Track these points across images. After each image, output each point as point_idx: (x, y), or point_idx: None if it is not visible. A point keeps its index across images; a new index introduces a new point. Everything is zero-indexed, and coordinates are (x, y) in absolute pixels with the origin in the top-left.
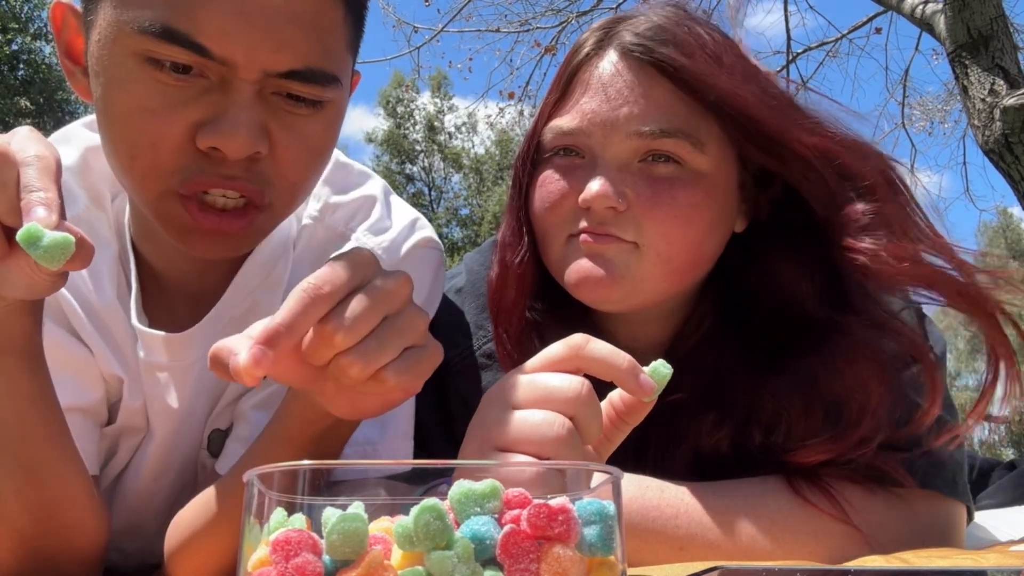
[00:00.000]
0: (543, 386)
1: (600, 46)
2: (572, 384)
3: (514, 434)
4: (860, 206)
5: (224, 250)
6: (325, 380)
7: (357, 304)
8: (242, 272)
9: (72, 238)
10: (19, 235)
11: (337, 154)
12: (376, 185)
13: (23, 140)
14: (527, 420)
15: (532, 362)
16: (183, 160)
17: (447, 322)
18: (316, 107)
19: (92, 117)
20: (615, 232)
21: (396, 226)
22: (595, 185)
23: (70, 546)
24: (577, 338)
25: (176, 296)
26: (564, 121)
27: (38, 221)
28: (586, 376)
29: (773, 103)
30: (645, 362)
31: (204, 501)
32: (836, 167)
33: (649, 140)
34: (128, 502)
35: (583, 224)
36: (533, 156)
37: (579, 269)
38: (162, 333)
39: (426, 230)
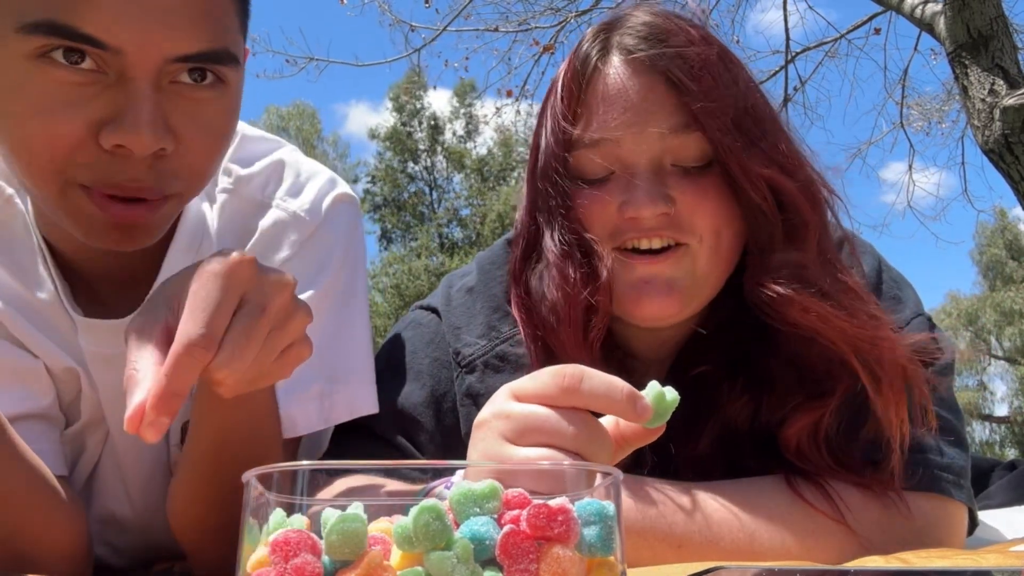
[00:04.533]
0: (545, 427)
1: (604, 53)
2: (574, 428)
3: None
4: (784, 255)
5: (132, 242)
6: None
7: (235, 344)
8: (169, 254)
9: None
10: None
11: (241, 126)
12: (284, 150)
13: None
14: (531, 459)
15: (524, 389)
16: (85, 158)
17: (459, 323)
18: (217, 90)
19: None
20: (667, 234)
21: (313, 186)
22: (641, 197)
23: (45, 544)
24: (569, 376)
25: (102, 286)
26: (591, 135)
27: None
28: None
29: (744, 128)
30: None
31: (175, 487)
32: (787, 208)
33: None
34: (104, 497)
35: (630, 234)
36: (562, 172)
37: (638, 289)
38: (103, 321)
39: (342, 186)
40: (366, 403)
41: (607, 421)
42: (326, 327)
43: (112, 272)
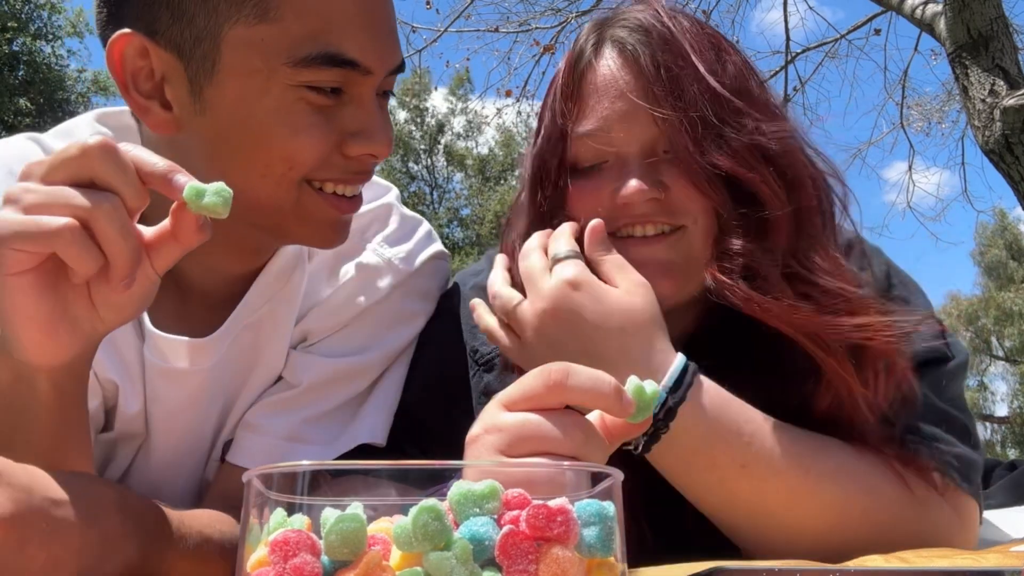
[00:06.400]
0: (538, 435)
1: (598, 46)
2: (568, 432)
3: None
4: (739, 243)
5: (342, 238)
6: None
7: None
8: (261, 278)
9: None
10: (186, 193)
11: None
12: (391, 195)
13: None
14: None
15: (512, 397)
16: (329, 161)
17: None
18: (388, 96)
19: (103, 111)
20: (660, 220)
21: (413, 239)
22: (632, 183)
23: None
24: (556, 372)
25: (195, 302)
26: (583, 126)
27: (187, 181)
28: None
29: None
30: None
31: None
32: (755, 200)
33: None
34: None
35: (624, 221)
36: (559, 164)
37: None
38: (184, 339)
39: (437, 242)
40: (379, 434)
41: (592, 418)
42: (380, 382)
43: (216, 288)
